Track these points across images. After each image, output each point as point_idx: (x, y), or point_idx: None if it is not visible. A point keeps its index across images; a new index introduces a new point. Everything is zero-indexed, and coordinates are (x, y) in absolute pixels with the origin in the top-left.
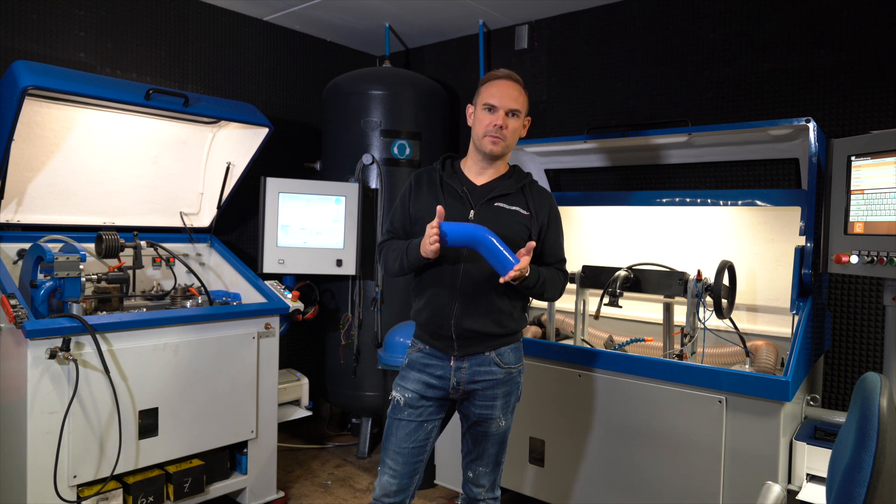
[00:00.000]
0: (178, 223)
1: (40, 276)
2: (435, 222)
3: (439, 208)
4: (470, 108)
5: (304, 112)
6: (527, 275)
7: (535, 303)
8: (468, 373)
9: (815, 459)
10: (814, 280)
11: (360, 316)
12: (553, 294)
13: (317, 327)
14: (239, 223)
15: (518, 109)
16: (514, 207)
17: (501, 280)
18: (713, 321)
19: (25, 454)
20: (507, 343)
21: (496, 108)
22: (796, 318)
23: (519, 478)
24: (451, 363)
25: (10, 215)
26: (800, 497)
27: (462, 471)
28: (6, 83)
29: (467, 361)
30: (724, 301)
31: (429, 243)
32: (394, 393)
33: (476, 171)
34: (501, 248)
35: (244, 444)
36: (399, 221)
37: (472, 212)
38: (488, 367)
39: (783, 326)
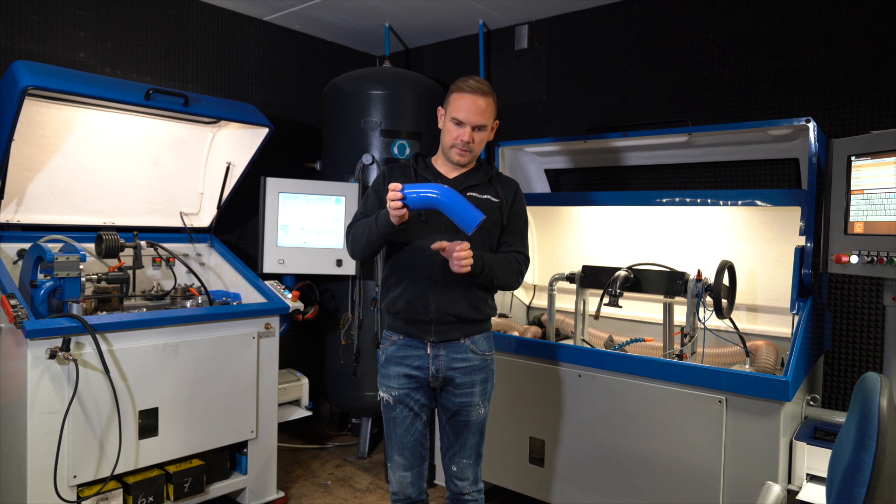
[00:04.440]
0: (178, 223)
1: (40, 276)
2: (398, 185)
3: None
4: (441, 111)
5: (304, 112)
6: (472, 263)
7: (536, 302)
8: (446, 360)
9: (815, 459)
10: (814, 280)
11: (360, 316)
12: (507, 279)
13: (317, 327)
14: (239, 223)
15: (485, 124)
16: (485, 196)
17: (470, 234)
18: (713, 321)
19: (25, 454)
20: (479, 331)
21: (464, 123)
22: (796, 318)
23: (519, 478)
24: (428, 351)
25: (10, 215)
26: (800, 497)
27: (444, 467)
28: (6, 83)
29: (444, 349)
30: (724, 301)
31: (393, 209)
32: (381, 393)
33: (447, 168)
34: (460, 200)
35: (244, 444)
36: (373, 208)
37: None
38: (464, 353)
39: (783, 326)
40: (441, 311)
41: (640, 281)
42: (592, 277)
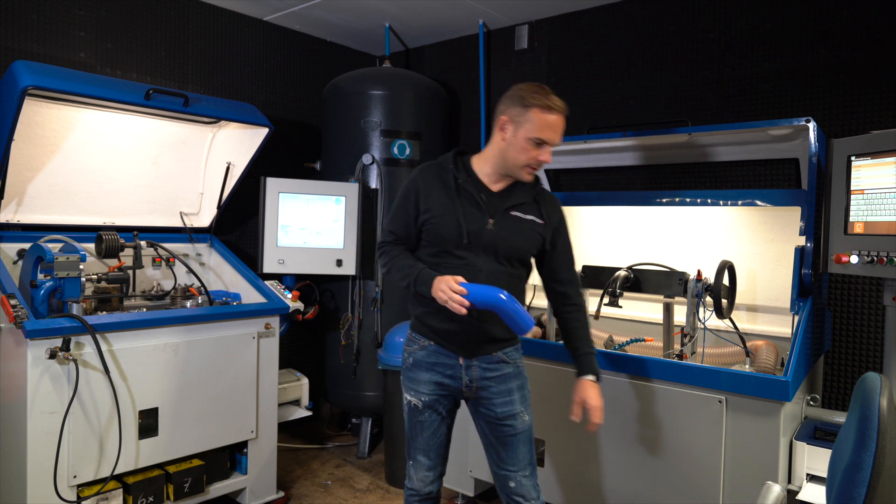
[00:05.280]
0: (178, 223)
1: (40, 276)
2: (458, 287)
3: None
4: (505, 119)
5: (304, 112)
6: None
7: (536, 303)
8: (479, 370)
9: (815, 459)
10: (814, 280)
11: (360, 316)
12: None
13: (317, 327)
14: (239, 223)
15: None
16: (529, 216)
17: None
18: (713, 321)
19: (25, 454)
20: (511, 345)
21: (546, 144)
22: (796, 318)
23: None
24: (461, 362)
25: (10, 215)
26: (800, 497)
27: (499, 485)
28: (6, 83)
29: (476, 360)
30: (724, 301)
31: (454, 307)
32: (408, 396)
33: (493, 179)
34: (518, 310)
35: (244, 444)
36: (402, 225)
37: (490, 220)
38: (497, 363)
39: (783, 326)
40: (477, 332)
41: (640, 281)
42: (592, 277)
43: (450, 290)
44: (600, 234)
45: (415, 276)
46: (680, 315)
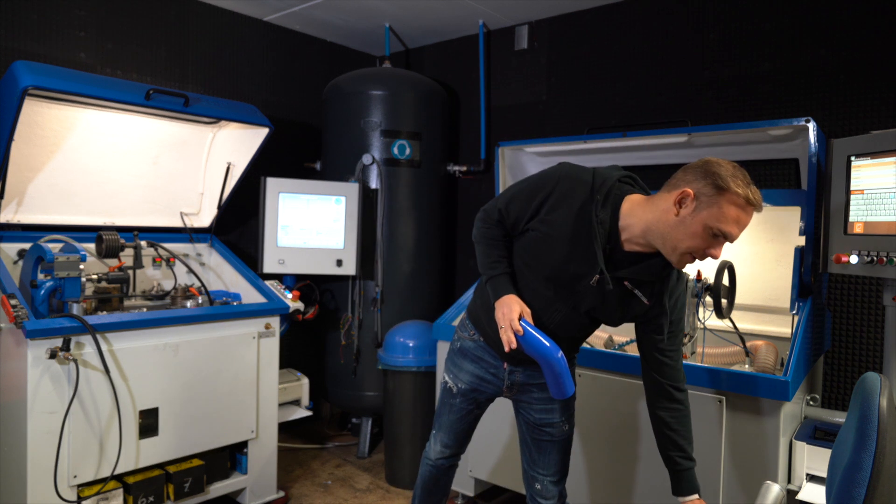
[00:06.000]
0: (178, 223)
1: (40, 276)
2: (517, 326)
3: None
4: (689, 194)
5: (304, 112)
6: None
7: None
8: (522, 376)
9: (815, 459)
10: (814, 280)
11: (360, 316)
12: None
13: (317, 327)
14: (239, 223)
15: None
16: (637, 291)
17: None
18: (713, 321)
19: (25, 454)
20: None
21: (724, 238)
22: (796, 318)
23: (519, 477)
24: (505, 366)
25: (10, 215)
26: (799, 497)
27: (525, 484)
28: (6, 83)
29: (521, 367)
30: (723, 301)
31: (504, 338)
32: (446, 377)
33: (632, 238)
34: (565, 374)
35: (244, 444)
36: (515, 213)
37: (596, 276)
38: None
39: (783, 326)
40: (523, 353)
41: None
42: None
43: (509, 321)
44: None
45: (492, 275)
46: None
